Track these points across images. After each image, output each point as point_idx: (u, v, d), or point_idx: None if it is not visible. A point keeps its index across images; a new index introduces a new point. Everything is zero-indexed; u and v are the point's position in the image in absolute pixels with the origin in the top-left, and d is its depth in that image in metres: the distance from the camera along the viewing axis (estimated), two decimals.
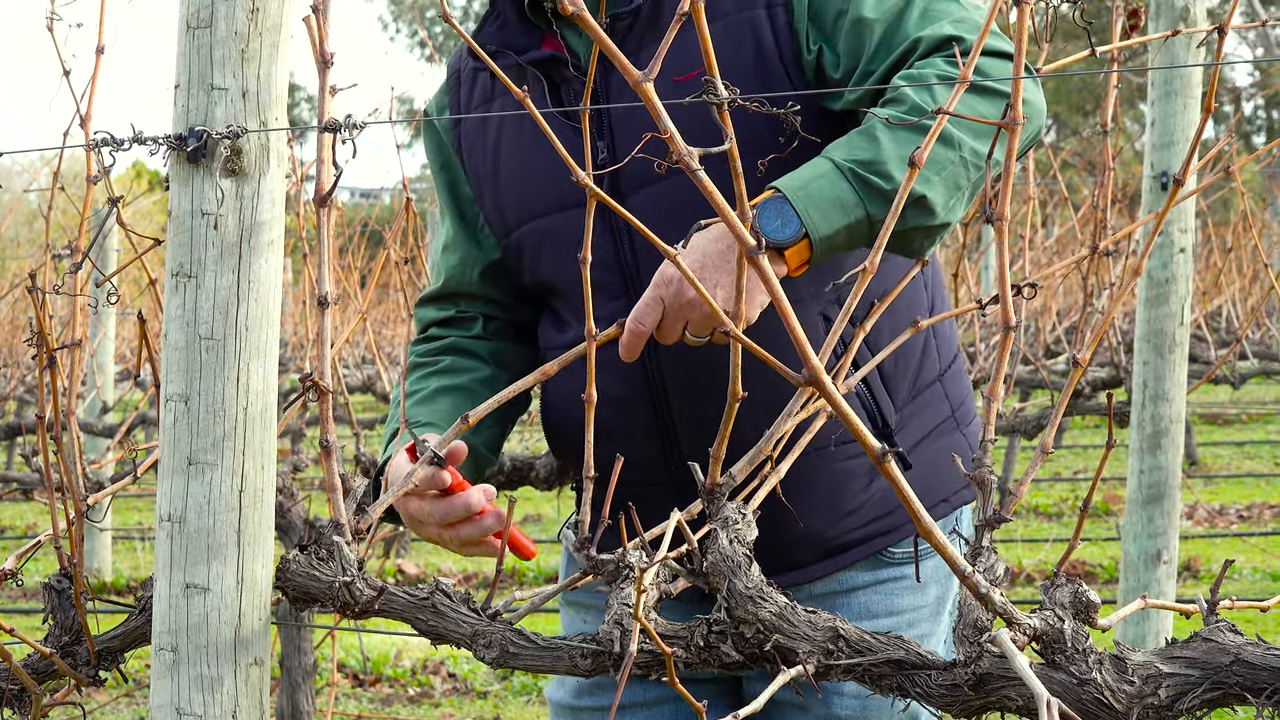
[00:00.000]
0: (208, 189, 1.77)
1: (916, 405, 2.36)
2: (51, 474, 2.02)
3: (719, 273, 1.96)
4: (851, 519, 2.35)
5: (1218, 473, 12.43)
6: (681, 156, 1.39)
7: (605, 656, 1.73)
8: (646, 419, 2.31)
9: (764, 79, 2.20)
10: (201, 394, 1.77)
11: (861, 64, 2.16)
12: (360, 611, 1.83)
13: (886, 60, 2.14)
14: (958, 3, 2.17)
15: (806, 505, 2.29)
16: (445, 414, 2.34)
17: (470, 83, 2.45)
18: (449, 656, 6.99)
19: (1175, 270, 4.42)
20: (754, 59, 2.22)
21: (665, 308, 1.98)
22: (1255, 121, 33.81)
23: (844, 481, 2.32)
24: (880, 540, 2.37)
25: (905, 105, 2.05)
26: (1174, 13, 4.31)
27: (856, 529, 2.35)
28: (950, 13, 2.14)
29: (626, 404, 2.29)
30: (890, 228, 1.61)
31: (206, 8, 1.76)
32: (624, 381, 2.27)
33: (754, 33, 2.22)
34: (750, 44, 2.23)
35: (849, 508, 2.34)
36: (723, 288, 1.95)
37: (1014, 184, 1.59)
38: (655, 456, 2.31)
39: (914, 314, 2.28)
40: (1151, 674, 1.52)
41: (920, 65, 2.08)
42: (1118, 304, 1.76)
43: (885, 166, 1.98)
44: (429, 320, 2.54)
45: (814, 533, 2.33)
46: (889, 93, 2.08)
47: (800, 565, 2.35)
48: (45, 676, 2.00)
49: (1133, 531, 4.51)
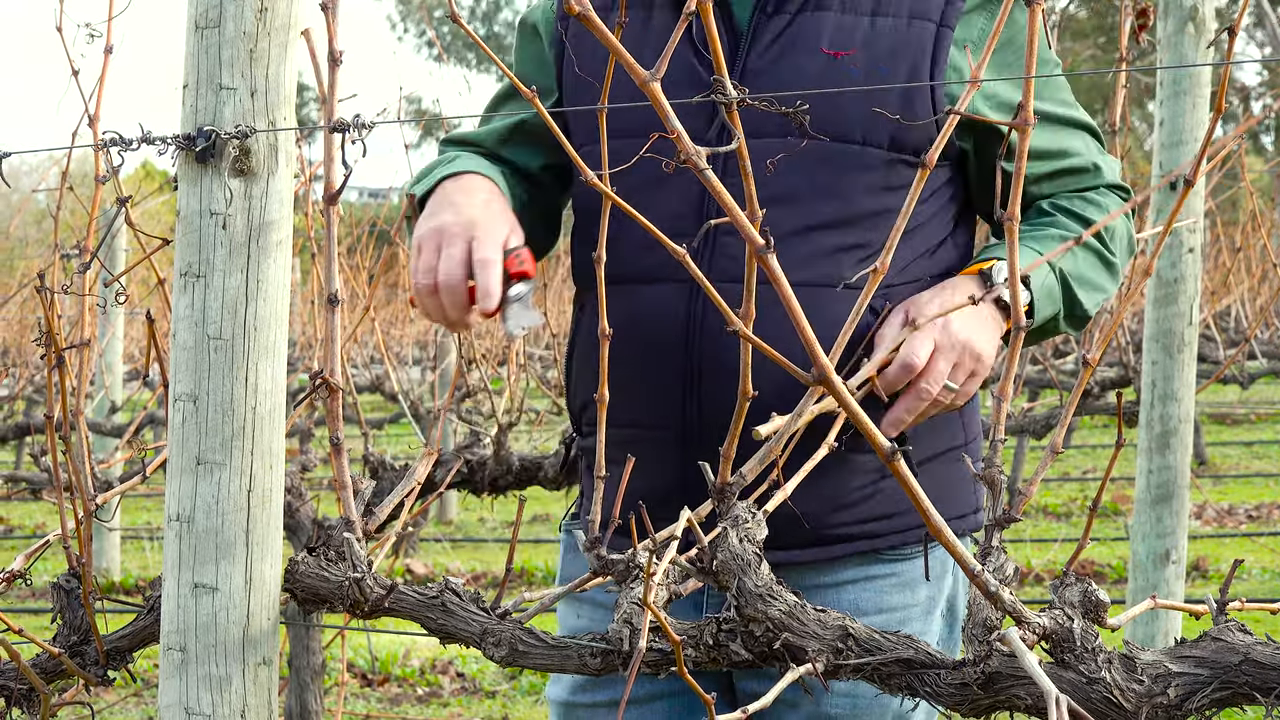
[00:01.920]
0: (216, 189, 1.77)
1: (931, 424, 2.37)
2: (60, 474, 2.02)
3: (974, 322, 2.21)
4: (846, 513, 2.34)
5: (1226, 472, 12.42)
6: (689, 156, 1.39)
7: (615, 655, 1.73)
8: (677, 367, 2.30)
9: (910, 93, 2.28)
10: (210, 394, 1.77)
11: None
12: (370, 609, 1.83)
13: (1062, 162, 2.41)
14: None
15: (804, 488, 2.29)
16: (497, 176, 2.34)
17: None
18: (457, 656, 6.99)
19: (1184, 270, 4.42)
20: (908, 70, 2.28)
21: (937, 345, 2.16)
22: (1264, 121, 33.75)
23: (847, 474, 2.32)
24: (871, 541, 2.36)
25: (1084, 224, 2.36)
26: (1182, 12, 4.30)
27: (851, 524, 2.34)
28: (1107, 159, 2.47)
29: (659, 350, 2.29)
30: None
31: (215, 8, 1.76)
32: (664, 321, 2.28)
33: (919, 45, 2.28)
34: (909, 55, 2.28)
35: (846, 501, 2.33)
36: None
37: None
38: (675, 410, 2.30)
39: None
40: (1160, 673, 1.51)
41: (1101, 194, 2.41)
42: (1127, 304, 1.76)
43: (1077, 293, 2.35)
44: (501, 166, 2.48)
45: (805, 516, 2.32)
46: (1075, 201, 2.40)
47: (784, 547, 2.34)
48: (54, 676, 2.00)
49: (1141, 531, 4.50)
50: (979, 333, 2.20)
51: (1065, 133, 2.42)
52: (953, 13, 2.29)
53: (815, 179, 2.27)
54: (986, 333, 2.22)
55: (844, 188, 2.27)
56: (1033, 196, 2.42)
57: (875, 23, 2.30)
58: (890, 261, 2.26)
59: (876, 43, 2.29)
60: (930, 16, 2.30)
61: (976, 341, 2.20)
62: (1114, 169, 2.47)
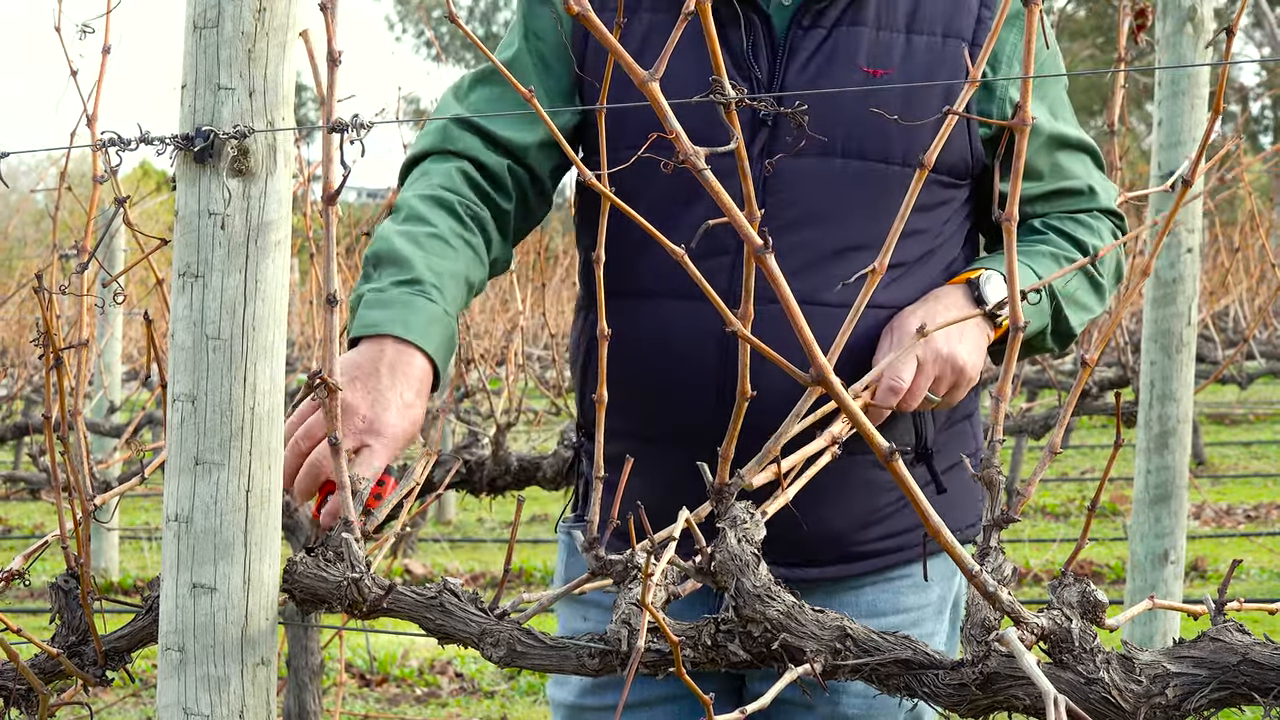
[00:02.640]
0: (215, 189, 1.77)
1: (948, 435, 2.39)
2: (59, 474, 2.02)
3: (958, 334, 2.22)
4: (876, 529, 2.35)
5: (1225, 473, 12.42)
6: (688, 156, 1.39)
7: (613, 656, 1.72)
8: (707, 378, 2.28)
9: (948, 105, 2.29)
10: (209, 394, 1.77)
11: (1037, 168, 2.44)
12: (368, 610, 1.83)
13: (1060, 183, 2.44)
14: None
15: (835, 508, 2.30)
16: (455, 295, 2.19)
17: None
18: (456, 656, 6.99)
19: (1182, 270, 4.42)
20: (944, 89, 2.27)
21: (919, 362, 2.18)
22: (1262, 121, 33.77)
23: (875, 491, 2.33)
24: (899, 555, 2.38)
25: (1075, 245, 2.40)
26: (1181, 12, 4.30)
27: (882, 539, 2.36)
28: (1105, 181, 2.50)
29: (690, 360, 2.28)
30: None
31: (213, 8, 1.76)
32: (698, 334, 2.27)
33: (955, 63, 2.29)
34: (944, 74, 2.28)
35: (875, 518, 2.35)
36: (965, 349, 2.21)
37: None
38: (704, 417, 2.24)
39: None
40: (1159, 673, 1.51)
41: (1095, 218, 2.45)
42: (1125, 304, 1.76)
43: (1067, 316, 2.38)
44: (473, 153, 2.34)
45: (835, 535, 2.33)
46: (1067, 221, 2.43)
47: (818, 564, 2.35)
48: (52, 676, 2.00)
49: (1140, 531, 4.50)
50: (962, 344, 2.21)
51: (1067, 154, 2.43)
52: (984, 31, 2.29)
53: (852, 199, 2.26)
54: (969, 343, 2.22)
55: (881, 209, 2.25)
56: (1026, 215, 2.42)
57: (911, 40, 2.29)
58: (908, 278, 2.28)
59: (913, 60, 2.28)
60: (964, 35, 2.29)
61: (960, 354, 2.20)
62: (1110, 194, 2.48)
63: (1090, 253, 2.35)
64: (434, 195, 2.27)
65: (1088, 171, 2.45)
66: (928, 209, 2.30)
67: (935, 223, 2.32)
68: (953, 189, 2.33)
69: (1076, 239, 2.41)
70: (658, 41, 2.26)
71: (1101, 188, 2.45)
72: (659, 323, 2.28)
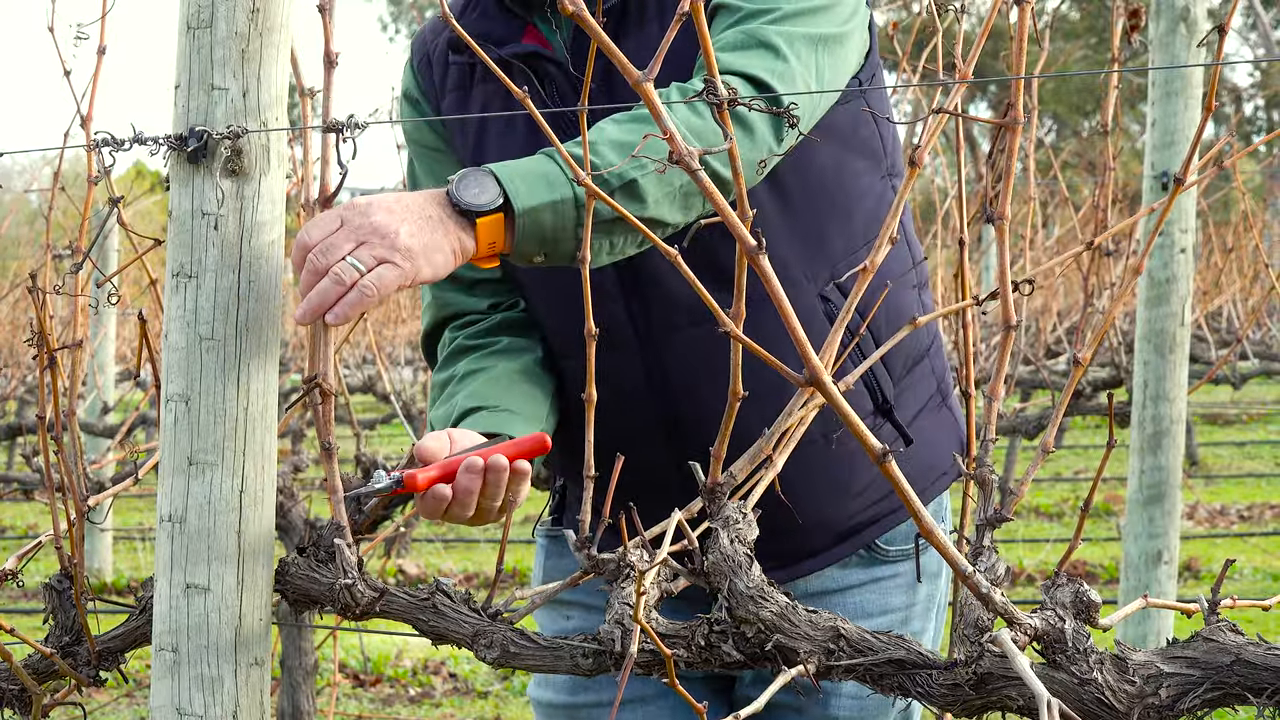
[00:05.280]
0: (208, 189, 1.77)
1: (909, 381, 2.38)
2: (52, 474, 2.02)
3: (419, 222, 1.87)
4: (860, 499, 2.35)
5: (1218, 473, 12.43)
6: (682, 157, 1.39)
7: (606, 656, 1.73)
8: (652, 417, 2.30)
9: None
10: (202, 394, 1.77)
11: None
12: (361, 614, 1.83)
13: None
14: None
15: (821, 491, 2.30)
16: (522, 400, 2.21)
17: (442, 66, 2.37)
18: (450, 656, 6.99)
19: (1176, 270, 4.42)
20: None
21: (342, 221, 1.83)
22: (1256, 122, 33.80)
23: (857, 460, 2.32)
24: (887, 520, 2.37)
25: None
26: (1174, 12, 4.31)
27: (866, 508, 2.36)
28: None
29: (630, 404, 2.28)
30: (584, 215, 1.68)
31: (207, 8, 1.76)
32: (626, 381, 2.27)
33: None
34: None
35: (859, 488, 2.34)
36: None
37: (1015, 184, 1.59)
38: (661, 456, 2.28)
39: (904, 289, 2.35)
40: (1152, 674, 1.52)
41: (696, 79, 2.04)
42: (1119, 304, 1.76)
43: (598, 147, 1.92)
44: (464, 308, 2.38)
45: (827, 517, 2.33)
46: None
47: (815, 552, 2.35)
48: (46, 677, 2.00)
49: (1133, 531, 4.51)
50: (403, 223, 1.85)
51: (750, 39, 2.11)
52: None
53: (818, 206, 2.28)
54: (412, 224, 1.86)
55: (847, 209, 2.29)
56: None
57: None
58: (846, 250, 2.26)
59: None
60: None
61: (389, 225, 1.83)
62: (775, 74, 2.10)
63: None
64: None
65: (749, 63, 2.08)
66: (844, 186, 2.28)
67: (851, 195, 2.31)
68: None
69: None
70: (498, 107, 2.28)
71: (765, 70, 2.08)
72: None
